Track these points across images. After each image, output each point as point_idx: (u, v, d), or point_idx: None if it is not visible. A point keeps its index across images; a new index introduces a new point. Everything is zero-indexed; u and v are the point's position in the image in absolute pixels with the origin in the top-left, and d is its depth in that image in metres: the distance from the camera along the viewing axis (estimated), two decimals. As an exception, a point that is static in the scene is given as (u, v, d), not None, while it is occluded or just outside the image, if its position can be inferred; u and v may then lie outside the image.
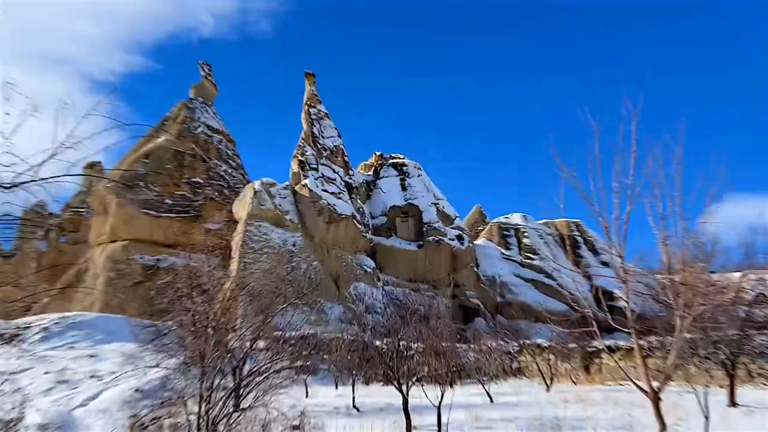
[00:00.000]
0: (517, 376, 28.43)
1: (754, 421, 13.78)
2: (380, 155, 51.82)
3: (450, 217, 48.05)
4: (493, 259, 51.88)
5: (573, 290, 8.87)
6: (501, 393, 21.82)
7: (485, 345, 27.25)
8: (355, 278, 39.20)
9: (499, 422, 14.45)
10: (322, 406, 19.21)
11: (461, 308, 43.90)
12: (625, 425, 13.46)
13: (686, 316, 7.80)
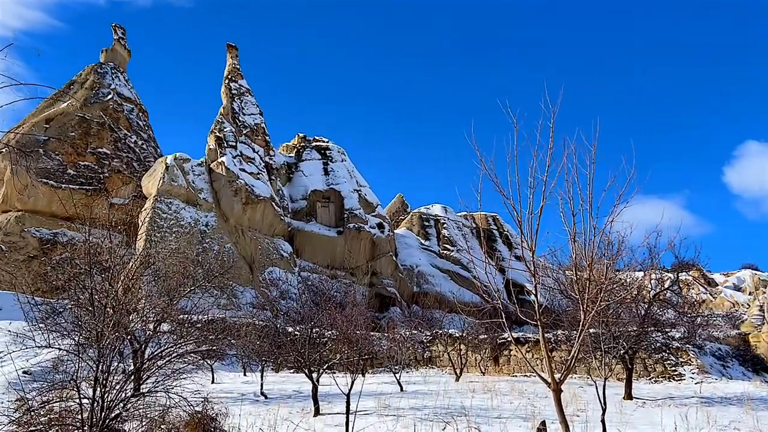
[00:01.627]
0: (429, 366, 28.81)
1: (646, 412, 14.46)
2: (303, 137, 50.89)
3: (372, 204, 47.98)
4: (412, 249, 52.36)
5: (486, 282, 8.83)
6: (411, 382, 22.00)
7: (399, 334, 27.38)
8: (270, 263, 38.40)
9: (408, 410, 14.48)
10: (228, 392, 18.70)
11: (378, 297, 44.03)
12: (529, 415, 13.78)
13: (590, 311, 7.92)
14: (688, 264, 22.89)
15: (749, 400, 16.42)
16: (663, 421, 12.20)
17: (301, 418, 13.58)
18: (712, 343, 28.52)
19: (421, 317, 35.13)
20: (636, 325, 18.96)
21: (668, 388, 20.73)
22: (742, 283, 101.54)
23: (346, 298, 32.54)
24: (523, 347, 26.68)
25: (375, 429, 12.01)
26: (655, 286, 21.91)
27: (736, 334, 46.42)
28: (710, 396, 18.30)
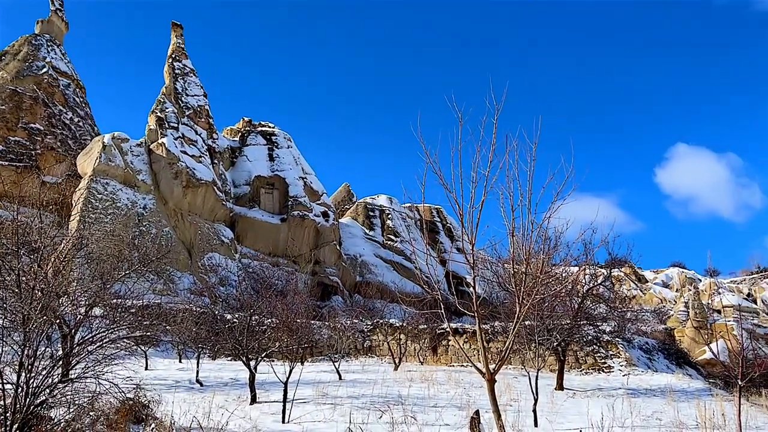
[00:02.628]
0: (368, 355, 28.95)
1: (575, 403, 14.98)
2: (248, 121, 49.89)
3: (317, 192, 47.63)
4: (357, 239, 52.36)
5: (427, 274, 8.91)
6: (350, 371, 22.05)
7: (340, 323, 27.38)
8: (210, 248, 37.60)
9: (345, 399, 14.52)
10: (163, 379, 18.28)
11: (320, 285, 43.84)
12: (464, 404, 14.04)
13: (525, 303, 8.11)
14: (620, 260, 23.77)
15: (671, 391, 17.24)
16: (591, 411, 12.66)
17: (237, 406, 13.41)
18: (640, 337, 29.76)
19: (362, 307, 35.25)
20: (569, 319, 19.58)
21: (598, 380, 21.52)
22: (670, 281, 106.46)
23: (288, 286, 32.29)
24: (461, 338, 27.13)
25: (312, 417, 11.99)
26: (589, 281, 22.68)
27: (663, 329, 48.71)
28: (636, 388, 19.12)
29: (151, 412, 11.40)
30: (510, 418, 11.00)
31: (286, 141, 48.51)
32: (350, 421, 9.30)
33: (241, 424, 10.81)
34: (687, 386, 20.08)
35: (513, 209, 8.45)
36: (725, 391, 20.26)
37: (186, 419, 10.57)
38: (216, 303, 30.49)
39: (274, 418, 12.01)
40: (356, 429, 8.24)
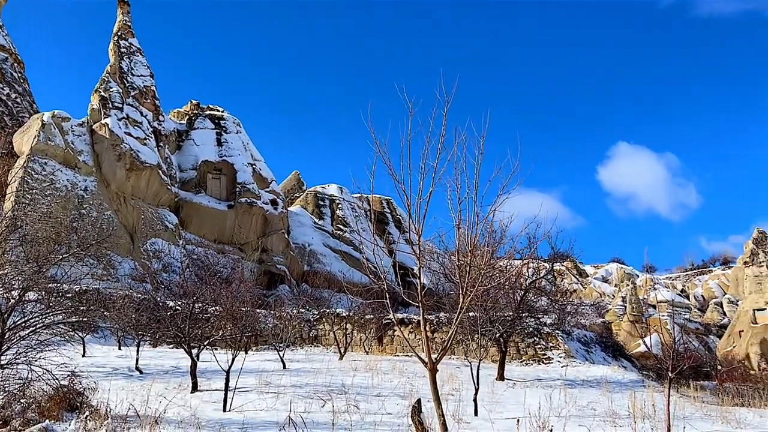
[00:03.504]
0: (314, 344, 28.88)
1: (515, 393, 15.35)
2: (197, 104, 48.62)
3: (266, 180, 46.97)
4: (306, 228, 52.00)
5: (375, 264, 8.92)
6: (295, 360, 21.97)
7: (286, 312, 27.18)
8: (153, 233, 36.60)
9: (289, 388, 14.46)
10: (100, 366, 17.81)
11: (267, 274, 43.35)
12: (407, 393, 14.18)
13: (469, 294, 8.23)
14: (562, 255, 24.43)
15: (607, 383, 17.87)
16: (530, 401, 12.98)
17: (177, 394, 13.18)
18: (579, 330, 30.69)
19: (309, 296, 35.10)
20: (512, 311, 20.01)
21: (537, 371, 22.10)
22: (610, 276, 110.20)
23: (233, 274, 31.83)
24: (407, 328, 27.37)
25: (254, 406, 11.88)
26: (532, 275, 23.21)
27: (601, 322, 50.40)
28: (574, 379, 19.73)
29: (87, 400, 11.08)
30: (451, 407, 11.18)
31: (235, 126, 47.60)
32: (291, 410, 9.26)
33: (180, 413, 10.61)
34: (622, 378, 20.86)
35: (460, 202, 8.54)
36: (657, 383, 21.15)
37: (123, 407, 10.31)
38: (158, 289, 29.79)
39: (214, 407, 11.85)
40: (297, 418, 8.21)
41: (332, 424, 8.86)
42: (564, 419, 9.93)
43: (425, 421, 8.31)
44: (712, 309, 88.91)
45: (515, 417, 9.36)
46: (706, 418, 11.77)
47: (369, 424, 9.55)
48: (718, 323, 79.02)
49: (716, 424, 10.85)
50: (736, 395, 20.55)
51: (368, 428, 8.73)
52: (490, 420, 10.55)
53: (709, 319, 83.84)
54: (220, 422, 9.80)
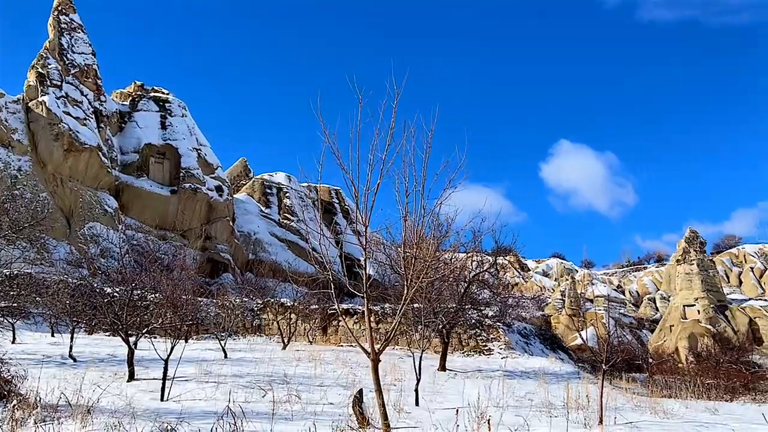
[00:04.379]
0: (257, 334, 28.58)
1: (456, 383, 15.59)
2: (140, 85, 47.02)
3: (212, 165, 45.97)
4: (251, 216, 51.23)
5: (322, 254, 8.87)
6: (237, 349, 21.68)
7: (229, 301, 26.75)
8: (92, 217, 35.29)
9: (230, 377, 14.25)
10: (31, 354, 17.10)
11: (210, 262, 42.51)
12: (349, 383, 14.20)
13: (413, 286, 8.29)
14: (506, 249, 24.89)
15: (544, 374, 18.38)
16: (470, 391, 13.21)
17: (113, 383, 12.79)
18: (520, 323, 31.44)
19: (254, 285, 34.66)
20: (455, 303, 20.29)
21: (478, 362, 22.52)
22: (550, 270, 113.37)
23: (175, 261, 31.06)
24: (351, 318, 27.41)
25: (192, 395, 11.65)
26: (476, 267, 23.59)
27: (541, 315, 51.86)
28: (513, 370, 20.20)
29: (15, 388, 10.61)
30: (393, 396, 11.25)
31: (180, 109, 46.34)
32: (230, 399, 9.13)
33: (114, 402, 10.30)
34: (558, 369, 21.49)
35: (407, 194, 8.56)
36: (592, 375, 21.88)
37: (54, 396, 9.93)
38: (95, 275, 28.77)
39: (152, 396, 11.56)
40: (237, 407, 8.10)
41: (272, 414, 8.78)
42: (502, 409, 10.15)
43: (366, 411, 8.34)
44: (645, 304, 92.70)
45: (455, 407, 9.51)
46: (636, 409, 12.24)
47: (310, 413, 9.51)
48: (651, 318, 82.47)
49: (645, 414, 11.30)
50: (664, 387, 21.48)
51: (309, 418, 8.70)
52: (431, 410, 10.68)
53: (642, 314, 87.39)
54: (156, 411, 9.56)
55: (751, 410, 13.07)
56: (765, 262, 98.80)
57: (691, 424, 9.67)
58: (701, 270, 64.90)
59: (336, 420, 7.66)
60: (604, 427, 8.96)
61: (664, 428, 9.11)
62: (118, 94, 47.15)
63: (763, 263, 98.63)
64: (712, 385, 24.17)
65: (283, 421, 8.70)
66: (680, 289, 66.42)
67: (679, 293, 66.49)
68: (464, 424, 7.90)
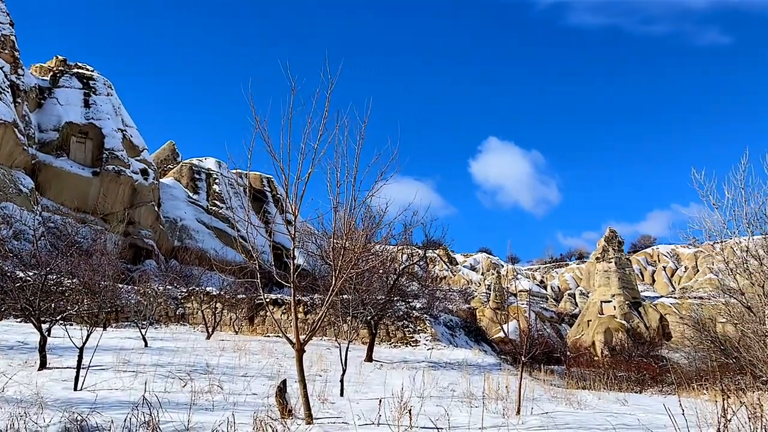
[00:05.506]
0: (181, 323, 27.89)
1: (381, 374, 15.72)
2: (63, 60, 44.58)
3: (137, 148, 44.24)
4: (178, 201, 49.75)
5: (252, 243, 8.71)
6: (159, 338, 21.07)
7: (151, 288, 25.90)
8: (4, 197, 33.22)
9: (149, 367, 13.80)
10: (-70, 342, 16.01)
11: (133, 247, 40.97)
12: (274, 374, 14.07)
13: (341, 277, 8.28)
14: (435, 242, 25.28)
15: (467, 365, 18.82)
16: (394, 382, 13.36)
17: (22, 371, 12.14)
18: (446, 315, 32.05)
19: (178, 272, 33.75)
20: (384, 294, 20.46)
21: (404, 353, 22.82)
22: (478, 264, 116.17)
23: (95, 245, 29.79)
24: (279, 309, 27.16)
25: (108, 384, 11.22)
26: (406, 260, 23.86)
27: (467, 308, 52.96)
28: (438, 361, 20.59)
29: None
30: (318, 387, 11.23)
31: (105, 88, 44.31)
32: (146, 389, 8.85)
33: (22, 391, 9.78)
34: (481, 361, 22.07)
35: (338, 185, 8.54)
36: (513, 367, 22.59)
37: (-46, 386, 9.33)
38: (6, 258, 27.18)
39: (64, 385, 11.04)
40: (155, 397, 7.86)
41: (192, 404, 8.57)
42: (424, 400, 10.32)
43: (289, 401, 8.28)
44: (566, 299, 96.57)
45: (379, 397, 9.59)
46: (553, 400, 12.74)
47: (231, 404, 9.35)
48: (570, 313, 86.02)
49: (560, 404, 11.78)
50: (580, 379, 22.46)
51: (230, 408, 8.55)
52: (355, 400, 10.73)
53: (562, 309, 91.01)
54: (68, 401, 9.15)
55: (657, 401, 13.85)
56: (676, 262, 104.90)
57: (602, 414, 10.14)
58: (618, 268, 68.18)
59: (258, 410, 7.56)
60: (521, 417, 9.26)
61: (577, 418, 9.52)
62: (38, 68, 44.55)
63: (674, 263, 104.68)
64: (624, 378, 25.48)
65: (203, 411, 8.52)
66: (598, 286, 69.55)
67: (597, 290, 69.61)
68: (386, 414, 7.98)
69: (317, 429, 7.38)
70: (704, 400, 11.37)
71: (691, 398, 12.98)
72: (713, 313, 29.43)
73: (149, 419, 6.34)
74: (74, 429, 6.56)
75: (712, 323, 26.38)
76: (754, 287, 17.77)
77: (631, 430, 8.07)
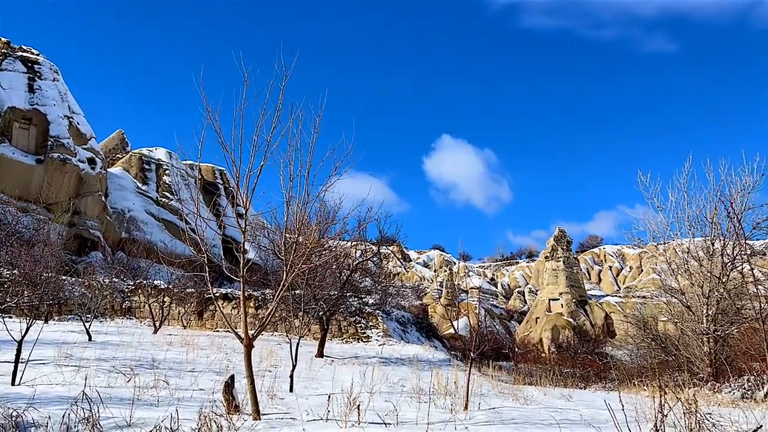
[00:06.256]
0: (127, 317, 27.23)
1: (332, 369, 15.71)
2: (6, 43, 42.60)
3: (84, 136, 42.77)
4: (127, 192, 48.40)
5: (202, 236, 8.55)
6: (104, 332, 20.52)
7: (97, 281, 25.18)
8: (-60, 183, 31.79)
9: (93, 361, 13.42)
10: None
11: (78, 238, 39.65)
12: (223, 369, 13.88)
13: (292, 272, 8.22)
14: (389, 239, 25.38)
15: (418, 361, 18.97)
16: (345, 377, 13.37)
17: (-48, 367, 11.62)
18: (398, 311, 32.25)
19: (125, 265, 32.91)
20: (337, 290, 20.43)
21: (356, 348, 22.84)
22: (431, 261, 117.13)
23: (37, 235, 28.73)
24: (230, 303, 26.82)
25: (49, 379, 10.84)
26: (359, 256, 23.88)
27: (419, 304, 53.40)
28: (389, 357, 20.68)
29: None
30: (268, 383, 11.13)
31: (52, 73, 42.69)
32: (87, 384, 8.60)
33: (-45, 387, 9.36)
34: (432, 357, 22.28)
35: (291, 178, 8.47)
36: (462, 362, 22.88)
37: None
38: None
39: (1, 380, 10.62)
40: (98, 392, 7.64)
41: (136, 400, 8.37)
42: (374, 395, 10.35)
43: (237, 397, 8.17)
44: (515, 297, 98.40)
45: (329, 393, 9.57)
46: (500, 395, 12.95)
47: (177, 399, 9.17)
48: (520, 310, 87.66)
49: (507, 400, 11.99)
50: (527, 375, 22.94)
51: (175, 404, 8.39)
52: (304, 396, 10.68)
53: (512, 306, 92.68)
54: (5, 396, 8.79)
55: (600, 397, 14.26)
56: (622, 262, 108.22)
57: (547, 410, 10.38)
58: (566, 267, 69.86)
59: (205, 406, 7.44)
60: (468, 412, 9.39)
61: (522, 413, 9.71)
62: (-22, 49, 42.55)
63: (620, 263, 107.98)
64: (570, 374, 26.17)
65: (147, 406, 8.32)
66: (547, 284, 71.11)
67: (546, 288, 71.19)
68: (335, 409, 7.97)
69: (263, 425, 7.31)
70: (644, 396, 11.76)
71: (633, 394, 13.40)
72: (655, 312, 30.50)
73: (89, 415, 6.16)
74: (9, 425, 6.31)
75: (654, 322, 27.32)
76: (694, 287, 18.54)
77: (574, 425, 8.29)
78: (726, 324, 17.36)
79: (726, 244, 17.80)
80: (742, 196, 17.55)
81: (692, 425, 5.58)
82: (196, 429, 6.14)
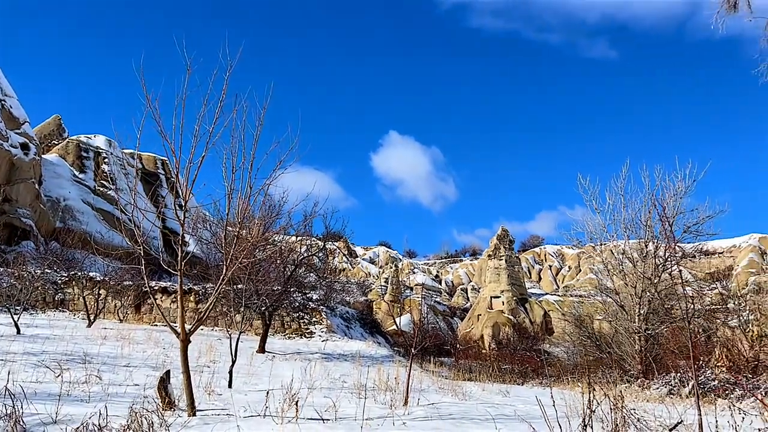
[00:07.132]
0: (60, 309, 26.21)
1: (273, 365, 15.54)
2: (-69, 19, 40.42)
3: (17, 120, 40.83)
4: (62, 180, 46.47)
5: (141, 228, 8.28)
6: (34, 325, 19.68)
7: (28, 271, 24.11)
8: None
9: (21, 355, 12.85)
10: None
11: (8, 227, 37.84)
12: (159, 364, 13.54)
13: (232, 266, 8.07)
14: (335, 234, 25.28)
15: (360, 357, 19.00)
16: (286, 373, 13.25)
17: None
18: (343, 307, 32.19)
19: (59, 255, 31.61)
20: (281, 285, 20.20)
21: (298, 344, 22.68)
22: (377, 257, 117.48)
23: (-37, 223, 27.27)
24: (169, 297, 26.18)
25: (-30, 376, 10.31)
26: (304, 251, 23.69)
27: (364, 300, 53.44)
28: (331, 352, 20.64)
29: None
30: (206, 378, 10.91)
31: (-17, 52, 40.54)
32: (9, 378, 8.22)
33: None
34: (375, 353, 22.36)
35: (234, 170, 8.30)
36: (405, 358, 23.05)
37: None
38: None
39: None
40: (23, 387, 7.30)
41: (65, 395, 8.04)
42: (314, 391, 10.29)
43: (172, 393, 7.97)
44: (458, 294, 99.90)
45: (269, 389, 9.46)
46: (440, 391, 13.11)
47: (109, 395, 8.88)
48: (462, 307, 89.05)
49: (447, 396, 12.15)
50: (467, 371, 23.30)
51: (106, 400, 8.12)
52: (243, 392, 10.53)
53: (455, 303, 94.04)
54: None
55: (536, 393, 14.64)
56: (561, 261, 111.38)
57: (484, 405, 10.56)
58: (508, 266, 71.35)
59: (138, 402, 7.21)
60: (407, 407, 9.46)
61: (460, 409, 9.85)
62: None
63: (559, 262, 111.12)
64: (508, 370, 26.76)
65: (77, 402, 8.02)
66: (489, 282, 72.47)
67: (488, 285, 72.54)
68: (274, 405, 7.87)
69: (197, 421, 7.16)
70: (578, 392, 12.13)
71: (567, 390, 13.81)
72: (591, 310, 31.52)
73: (11, 411, 5.88)
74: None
75: (590, 320, 28.22)
76: (628, 287, 19.24)
77: (509, 421, 8.46)
78: (657, 323, 18.10)
79: (658, 247, 18.53)
80: (674, 200, 18.31)
81: (618, 420, 5.78)
82: (125, 425, 5.94)
